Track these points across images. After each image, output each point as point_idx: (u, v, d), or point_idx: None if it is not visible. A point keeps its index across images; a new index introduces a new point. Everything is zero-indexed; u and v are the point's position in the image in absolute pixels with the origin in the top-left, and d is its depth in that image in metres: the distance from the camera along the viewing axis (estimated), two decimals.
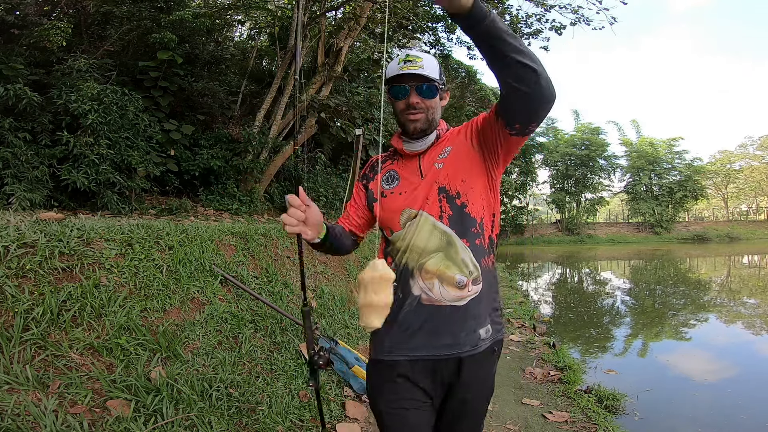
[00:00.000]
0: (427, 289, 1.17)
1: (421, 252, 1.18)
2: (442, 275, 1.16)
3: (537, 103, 1.02)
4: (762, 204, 37.27)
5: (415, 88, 1.20)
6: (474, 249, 1.19)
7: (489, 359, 1.24)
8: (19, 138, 4.63)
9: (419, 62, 1.19)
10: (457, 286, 1.16)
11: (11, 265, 1.94)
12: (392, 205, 1.25)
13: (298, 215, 1.11)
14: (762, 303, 8.29)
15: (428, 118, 1.23)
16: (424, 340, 1.17)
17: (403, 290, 1.20)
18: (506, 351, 4.32)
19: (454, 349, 1.17)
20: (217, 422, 2.02)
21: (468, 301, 1.17)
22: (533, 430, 2.73)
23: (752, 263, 16.58)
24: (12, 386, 1.62)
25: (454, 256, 1.17)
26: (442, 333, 1.17)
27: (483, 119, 1.19)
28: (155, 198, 6.60)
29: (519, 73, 0.97)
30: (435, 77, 1.21)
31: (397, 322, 1.19)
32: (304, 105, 7.96)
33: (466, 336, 1.17)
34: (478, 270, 1.18)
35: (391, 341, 1.21)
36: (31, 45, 6.03)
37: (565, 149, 29.77)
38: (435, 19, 9.67)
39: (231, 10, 9.56)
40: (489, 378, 1.26)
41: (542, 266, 16.89)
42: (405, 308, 1.19)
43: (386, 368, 1.22)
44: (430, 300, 1.17)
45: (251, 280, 3.37)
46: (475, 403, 1.24)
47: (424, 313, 1.17)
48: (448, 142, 1.26)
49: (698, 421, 3.33)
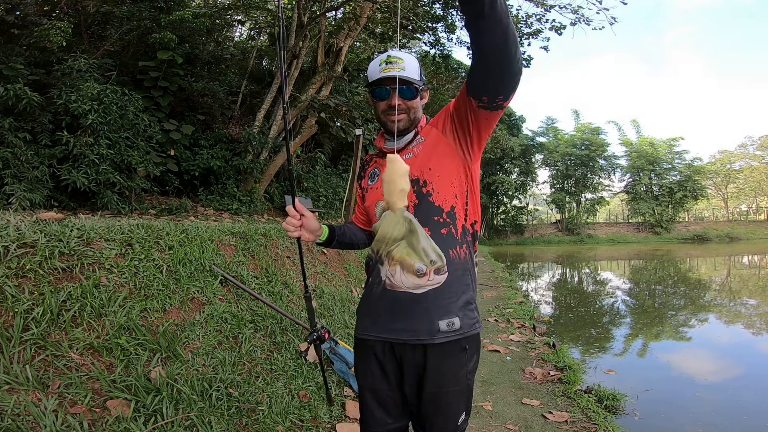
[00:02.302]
0: (390, 275, 1.22)
1: (388, 240, 1.23)
2: (403, 262, 1.19)
3: (503, 71, 1.02)
4: (762, 204, 37.26)
5: (397, 90, 1.22)
6: (438, 238, 1.19)
7: (455, 355, 1.21)
8: (19, 138, 4.64)
9: (400, 63, 1.21)
10: (416, 274, 1.17)
11: (11, 265, 1.94)
12: (371, 199, 1.34)
13: (294, 223, 1.24)
14: (762, 303, 8.29)
15: (410, 118, 1.27)
16: (386, 323, 1.23)
17: (374, 276, 1.28)
18: (506, 351, 4.32)
19: (409, 335, 1.19)
20: (217, 422, 2.02)
21: (428, 290, 1.18)
22: (533, 430, 2.73)
23: (752, 263, 16.58)
24: (12, 386, 1.62)
25: (415, 244, 1.19)
26: (398, 318, 1.21)
27: (456, 99, 1.21)
28: (155, 198, 6.60)
29: (497, 40, 0.96)
30: (416, 78, 1.24)
31: (370, 305, 1.29)
32: (300, 106, 7.95)
33: (419, 324, 1.18)
34: (442, 260, 1.18)
35: (363, 322, 1.31)
36: (31, 45, 6.04)
37: (565, 149, 29.76)
38: (435, 19, 9.67)
39: (231, 10, 9.56)
40: (458, 375, 1.22)
41: (542, 266, 16.89)
42: (374, 292, 1.27)
43: (362, 346, 1.31)
44: (392, 285, 1.21)
45: (251, 280, 3.37)
46: (445, 398, 1.23)
47: (387, 298, 1.22)
48: (423, 134, 1.29)
49: (699, 421, 3.33)
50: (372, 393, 1.28)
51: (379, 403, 1.27)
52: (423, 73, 1.29)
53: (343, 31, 8.98)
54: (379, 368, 1.26)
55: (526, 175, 30.06)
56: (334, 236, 1.38)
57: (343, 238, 1.41)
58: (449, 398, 1.23)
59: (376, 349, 1.26)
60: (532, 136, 30.86)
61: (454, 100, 1.22)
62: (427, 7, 9.46)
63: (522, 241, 28.42)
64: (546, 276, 14.09)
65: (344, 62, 9.23)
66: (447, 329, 1.18)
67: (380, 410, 1.27)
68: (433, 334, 1.18)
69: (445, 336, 1.18)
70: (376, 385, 1.27)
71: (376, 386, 1.27)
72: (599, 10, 7.69)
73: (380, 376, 1.26)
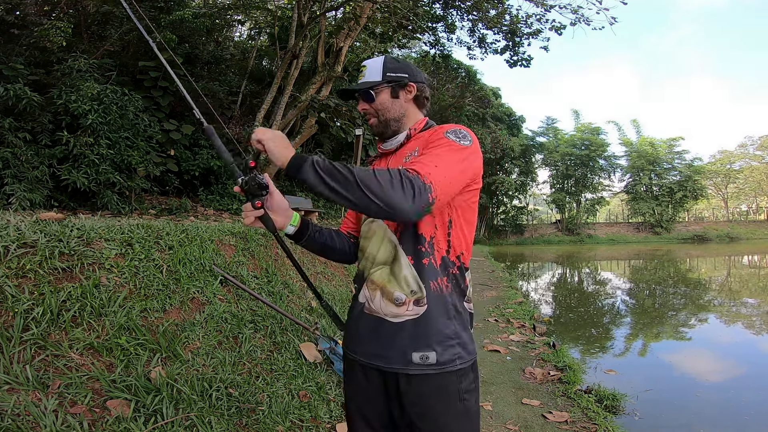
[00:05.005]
0: (369, 298, 1.18)
1: (372, 260, 1.20)
2: (384, 289, 1.16)
3: (389, 216, 1.00)
4: (762, 204, 37.27)
5: (360, 96, 1.24)
6: (419, 268, 1.13)
7: (435, 392, 1.12)
8: (19, 138, 4.63)
9: (363, 71, 1.24)
10: (395, 303, 1.13)
11: (11, 265, 1.94)
12: None
13: (248, 207, 1.14)
14: (762, 303, 8.29)
15: (380, 120, 1.24)
16: (364, 347, 1.20)
17: (357, 293, 1.25)
18: (506, 351, 4.32)
19: (383, 362, 1.15)
20: (217, 422, 2.02)
21: (406, 320, 1.13)
22: (533, 430, 2.73)
23: (752, 263, 16.58)
24: (12, 386, 1.62)
25: (397, 272, 1.14)
26: (374, 344, 1.17)
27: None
28: (155, 198, 6.60)
29: (352, 204, 0.98)
30: (372, 79, 1.22)
31: (351, 322, 1.26)
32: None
33: (393, 353, 1.13)
34: (422, 291, 1.12)
35: (348, 337, 1.29)
36: (31, 45, 6.04)
37: (565, 149, 29.76)
38: (435, 19, 9.68)
39: (231, 10, 9.56)
40: (441, 415, 1.12)
41: (542, 266, 16.89)
42: (355, 311, 1.24)
43: (347, 358, 1.29)
44: (370, 310, 1.18)
45: (251, 280, 3.37)
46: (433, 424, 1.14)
47: (365, 322, 1.19)
48: (419, 143, 1.19)
49: (699, 421, 3.32)
50: (354, 404, 1.26)
51: (361, 415, 1.24)
52: (397, 68, 1.23)
53: (343, 31, 8.97)
54: (363, 381, 1.22)
55: (526, 175, 30.05)
56: (308, 228, 1.29)
57: (318, 237, 1.32)
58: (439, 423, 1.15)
59: (360, 368, 1.23)
60: (532, 136, 30.88)
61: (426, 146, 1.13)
62: (427, 7, 9.46)
63: (522, 241, 28.42)
64: (546, 276, 14.08)
65: (344, 62, 9.23)
66: (420, 362, 1.11)
67: (362, 422, 1.24)
68: (406, 365, 1.12)
69: (419, 368, 1.11)
70: (359, 397, 1.24)
71: (359, 399, 1.24)
72: (599, 10, 7.70)
73: (364, 388, 1.23)
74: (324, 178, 0.97)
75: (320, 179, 0.97)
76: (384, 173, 0.97)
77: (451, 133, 1.12)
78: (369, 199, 0.95)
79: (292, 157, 1.01)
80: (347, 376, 1.29)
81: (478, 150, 1.14)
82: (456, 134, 1.12)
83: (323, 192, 0.99)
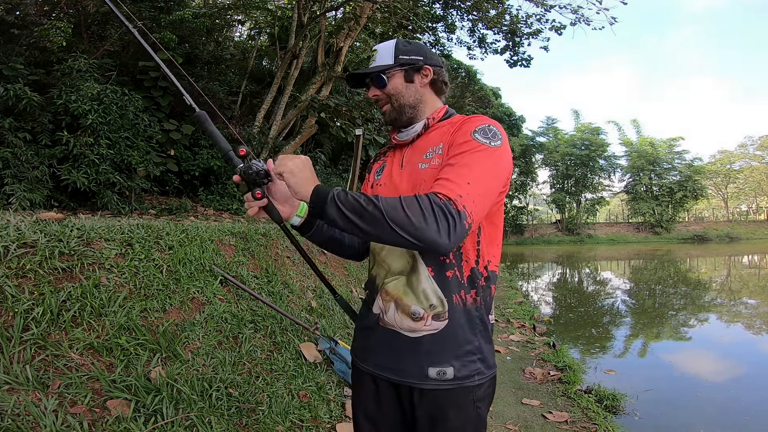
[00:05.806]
0: (384, 310, 1.10)
1: (387, 269, 1.11)
2: (399, 301, 1.07)
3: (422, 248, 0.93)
4: (762, 204, 37.27)
5: (371, 81, 1.15)
6: (441, 280, 1.04)
7: (449, 403, 1.05)
8: (19, 138, 4.63)
9: (374, 55, 1.15)
10: (412, 317, 1.05)
11: (11, 265, 1.94)
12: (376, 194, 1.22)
13: (249, 197, 1.07)
14: (762, 303, 8.29)
15: (394, 106, 1.14)
16: (377, 359, 1.13)
17: (370, 301, 1.16)
18: (506, 351, 4.31)
19: (397, 375, 1.08)
20: (217, 422, 2.02)
21: (424, 335, 1.05)
22: (533, 430, 2.73)
23: (752, 263, 16.58)
24: (12, 386, 1.62)
25: (415, 284, 1.05)
26: (385, 355, 1.11)
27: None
28: (155, 198, 6.59)
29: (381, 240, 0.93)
30: (385, 63, 1.12)
31: (362, 331, 1.19)
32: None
33: (408, 367, 1.07)
34: (444, 306, 1.04)
35: (357, 346, 1.21)
36: (31, 45, 6.03)
37: (565, 149, 29.78)
38: (435, 19, 9.68)
39: (231, 10, 9.56)
40: (453, 420, 1.06)
41: (542, 266, 16.89)
42: (367, 321, 1.16)
43: (356, 368, 1.22)
44: (384, 323, 1.10)
45: (251, 280, 3.37)
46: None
47: (379, 334, 1.12)
48: (442, 137, 1.08)
49: (699, 421, 3.33)
50: (364, 413, 1.19)
51: (368, 418, 1.18)
52: (411, 50, 1.13)
53: (343, 31, 8.98)
54: (373, 390, 1.16)
55: (526, 175, 30.07)
56: (316, 219, 1.17)
57: (326, 229, 1.21)
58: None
59: (370, 378, 1.17)
60: (532, 136, 30.89)
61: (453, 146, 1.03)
62: (427, 7, 9.47)
63: (522, 241, 28.43)
64: (546, 276, 14.08)
65: (344, 62, 9.22)
66: (437, 377, 1.04)
67: (369, 425, 1.18)
68: (421, 379, 1.05)
69: (435, 384, 1.04)
70: (368, 405, 1.17)
71: (368, 407, 1.18)
72: (599, 10, 7.70)
73: (374, 397, 1.16)
74: (347, 215, 0.90)
75: (344, 217, 0.90)
76: (413, 204, 0.88)
77: (480, 132, 1.00)
78: (399, 236, 0.87)
79: (312, 192, 0.95)
80: (355, 382, 1.23)
81: (507, 146, 1.03)
82: (485, 134, 1.00)
83: (347, 230, 0.92)
